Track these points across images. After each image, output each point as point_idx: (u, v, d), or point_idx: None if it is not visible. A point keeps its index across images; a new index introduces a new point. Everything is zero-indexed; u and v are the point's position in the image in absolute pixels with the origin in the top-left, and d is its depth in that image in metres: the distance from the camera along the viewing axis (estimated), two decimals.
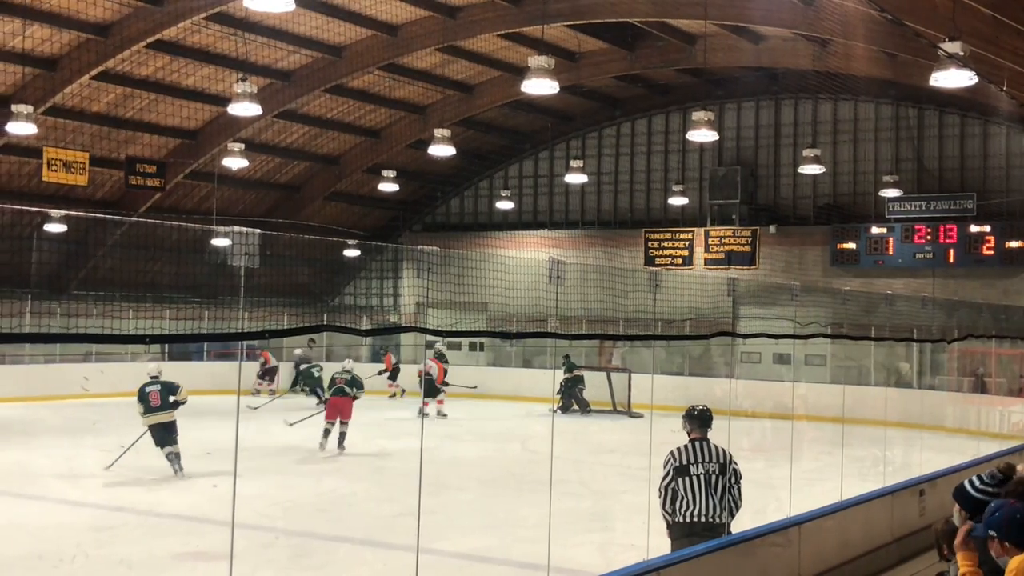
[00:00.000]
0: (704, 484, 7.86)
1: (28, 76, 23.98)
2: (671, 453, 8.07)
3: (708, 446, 8.10)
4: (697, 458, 7.96)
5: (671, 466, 7.98)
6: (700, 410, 8.34)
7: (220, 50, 25.29)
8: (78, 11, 21.90)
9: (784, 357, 26.33)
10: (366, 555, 11.16)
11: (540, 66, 17.29)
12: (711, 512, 7.88)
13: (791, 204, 31.91)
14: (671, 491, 7.95)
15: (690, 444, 8.11)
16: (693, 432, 8.21)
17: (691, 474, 7.90)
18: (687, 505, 7.88)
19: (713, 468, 7.95)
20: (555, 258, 9.58)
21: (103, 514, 12.61)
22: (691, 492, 7.86)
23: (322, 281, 36.61)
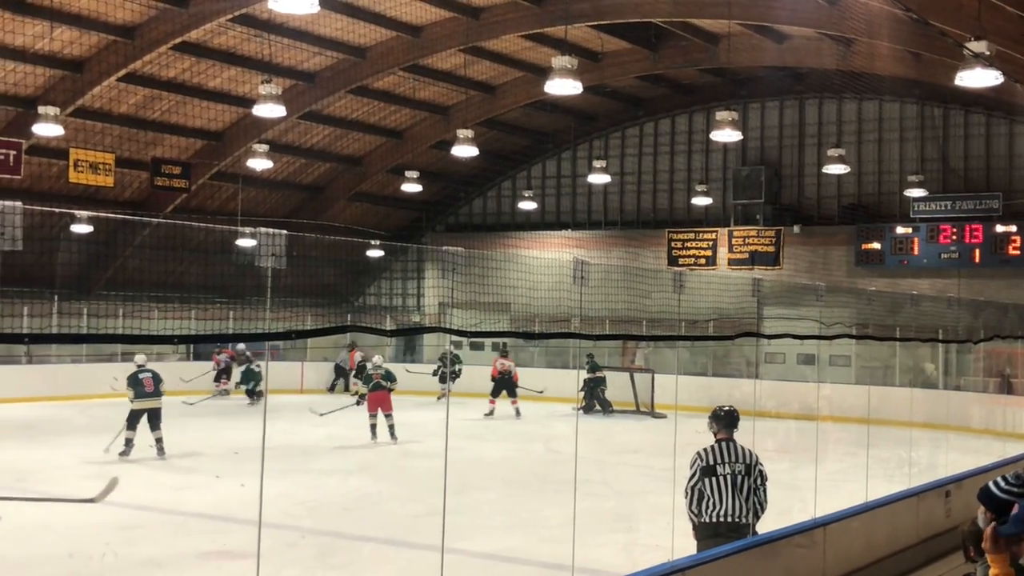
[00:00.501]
0: (730, 485, 7.90)
1: (55, 78, 24.19)
2: (698, 453, 8.11)
3: (735, 447, 8.13)
4: (724, 458, 7.99)
5: (698, 466, 8.02)
6: (727, 411, 8.36)
7: (245, 52, 25.43)
8: (104, 13, 22.07)
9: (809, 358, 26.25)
10: (390, 554, 11.19)
11: (563, 66, 17.30)
12: (737, 513, 7.91)
13: (815, 204, 31.79)
14: (697, 491, 7.98)
15: (716, 445, 8.14)
16: (719, 433, 8.24)
17: (718, 474, 7.93)
18: (713, 505, 7.92)
19: (739, 469, 7.98)
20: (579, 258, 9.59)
21: (130, 513, 12.70)
22: (717, 492, 7.90)
23: (346, 282, 36.73)
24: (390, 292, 38.25)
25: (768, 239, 31.42)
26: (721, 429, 8.23)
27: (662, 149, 34.39)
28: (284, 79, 25.75)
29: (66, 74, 24.06)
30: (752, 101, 32.18)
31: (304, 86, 27.43)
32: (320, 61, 27.00)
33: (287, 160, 31.75)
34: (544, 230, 35.58)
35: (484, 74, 29.25)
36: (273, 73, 23.62)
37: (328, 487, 14.90)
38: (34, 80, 24.05)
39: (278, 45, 25.02)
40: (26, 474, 14.49)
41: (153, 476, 15.36)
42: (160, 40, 23.28)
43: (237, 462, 15.79)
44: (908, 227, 29.41)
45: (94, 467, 16.35)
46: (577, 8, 23.15)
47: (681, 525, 9.26)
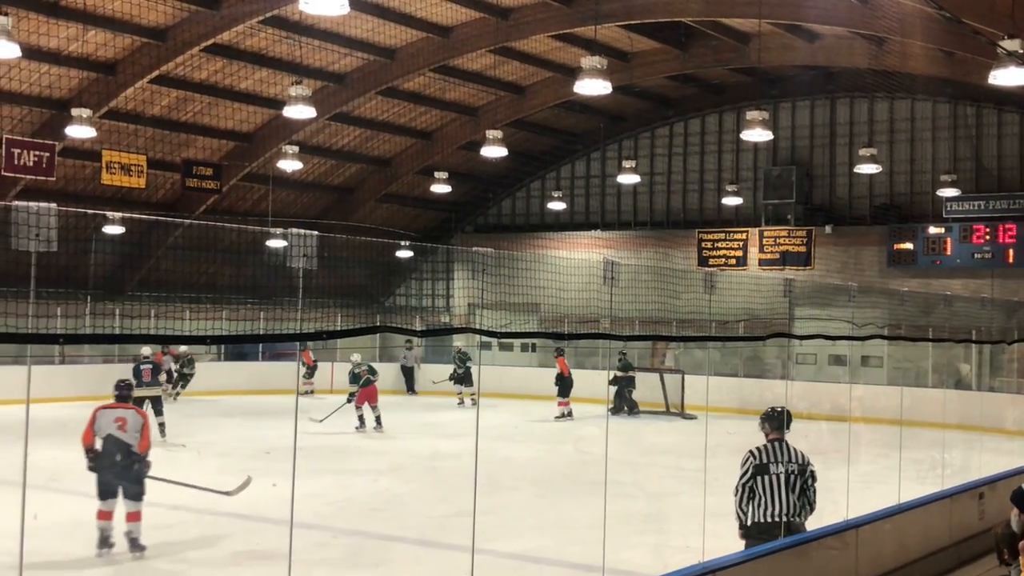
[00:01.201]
0: (783, 484, 8.00)
1: (87, 80, 24.39)
2: (751, 452, 8.21)
3: (787, 447, 8.24)
4: (776, 458, 8.11)
5: (751, 464, 8.12)
6: (778, 412, 8.50)
7: (275, 53, 25.55)
8: (136, 15, 22.24)
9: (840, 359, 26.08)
10: (420, 554, 11.21)
11: (593, 66, 17.28)
12: (789, 511, 8.00)
13: (847, 204, 31.59)
14: (748, 489, 8.08)
15: (769, 444, 8.24)
16: (771, 433, 8.36)
17: (770, 473, 8.04)
18: (765, 505, 8.02)
19: (792, 468, 8.09)
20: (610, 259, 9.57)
21: (162, 512, 12.77)
22: (769, 491, 8.01)
23: (376, 282, 36.83)
24: (419, 293, 38.33)
25: (799, 239, 31.26)
26: (773, 429, 8.37)
27: (692, 149, 34.29)
28: (314, 80, 25.86)
29: (98, 76, 24.25)
30: (783, 100, 32.03)
31: (334, 87, 27.53)
32: (350, 62, 27.08)
33: (317, 161, 31.87)
34: (573, 231, 35.55)
35: (513, 75, 29.25)
36: (303, 74, 23.76)
37: (358, 487, 14.94)
38: (67, 82, 24.26)
39: (308, 47, 25.14)
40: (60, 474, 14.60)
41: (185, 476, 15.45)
42: (191, 42, 23.43)
43: (269, 462, 15.86)
44: (941, 227, 29.18)
45: None
46: (607, 8, 23.12)
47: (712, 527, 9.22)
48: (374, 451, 18.84)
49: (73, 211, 17.87)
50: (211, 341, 6.96)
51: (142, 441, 10.69)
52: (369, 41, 25.82)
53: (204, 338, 6.84)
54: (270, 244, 28.06)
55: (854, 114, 31.56)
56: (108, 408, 10.88)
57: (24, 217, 6.20)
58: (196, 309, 28.02)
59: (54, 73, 23.85)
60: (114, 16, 22.22)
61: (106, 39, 23.39)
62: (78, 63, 23.80)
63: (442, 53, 26.43)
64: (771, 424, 8.41)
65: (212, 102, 27.25)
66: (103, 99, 24.35)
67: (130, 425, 10.65)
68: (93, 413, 10.96)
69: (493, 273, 9.08)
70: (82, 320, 25.88)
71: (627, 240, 34.50)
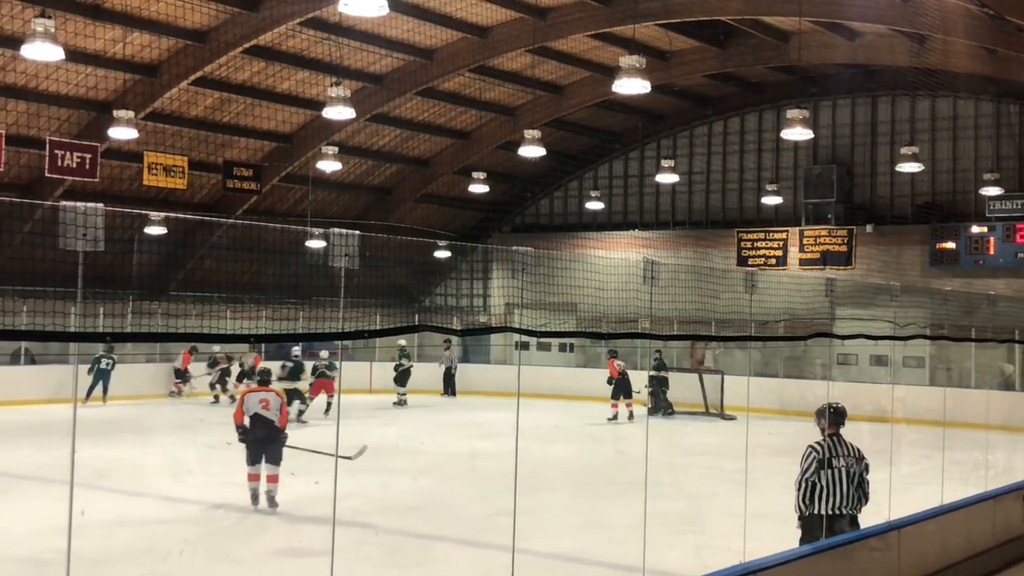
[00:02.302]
0: (845, 477, 8.26)
1: (129, 82, 24.64)
2: (812, 447, 8.42)
3: (844, 441, 8.48)
4: (838, 452, 8.35)
5: (814, 458, 8.34)
6: (835, 408, 8.69)
7: (314, 55, 25.70)
8: (177, 18, 22.45)
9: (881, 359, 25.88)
10: (460, 554, 11.24)
11: (631, 65, 17.26)
12: (850, 504, 8.27)
13: (888, 203, 31.34)
14: (810, 483, 8.30)
15: (829, 439, 8.45)
16: (828, 428, 8.58)
17: (833, 467, 8.28)
18: (828, 496, 8.25)
19: (851, 462, 8.36)
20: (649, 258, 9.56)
21: (205, 510, 12.91)
22: (834, 484, 8.26)
23: (414, 282, 36.95)
24: (457, 292, 38.40)
25: (840, 239, 31.05)
26: (830, 424, 8.59)
27: (731, 148, 34.15)
28: (353, 81, 25.97)
29: (140, 78, 24.50)
30: (823, 99, 31.83)
31: (373, 88, 27.64)
32: (388, 63, 27.19)
33: (356, 162, 32.02)
34: (611, 230, 35.50)
35: (551, 74, 29.27)
36: (342, 76, 23.87)
37: (398, 486, 15.00)
38: (109, 84, 24.53)
39: (347, 48, 25.27)
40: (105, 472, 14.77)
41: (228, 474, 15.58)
42: (232, 44, 23.61)
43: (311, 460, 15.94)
44: (983, 226, 28.89)
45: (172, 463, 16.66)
46: (645, 7, 23.08)
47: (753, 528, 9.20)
48: (414, 451, 18.90)
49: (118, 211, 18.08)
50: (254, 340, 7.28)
51: (281, 417, 12.97)
52: (408, 42, 25.91)
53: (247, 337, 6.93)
54: (310, 244, 28.22)
55: (896, 112, 31.30)
56: (253, 392, 13.23)
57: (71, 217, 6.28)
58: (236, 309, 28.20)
59: (97, 75, 24.11)
60: (156, 18, 22.44)
61: (148, 41, 23.62)
62: (120, 65, 24.06)
63: (480, 53, 26.48)
64: (828, 419, 8.62)
65: (252, 103, 27.45)
66: (145, 101, 24.59)
67: (272, 405, 12.91)
68: (241, 396, 13.46)
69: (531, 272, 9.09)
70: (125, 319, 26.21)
71: (666, 240, 34.40)
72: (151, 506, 13.18)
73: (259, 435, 12.77)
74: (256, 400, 12.89)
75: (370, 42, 25.46)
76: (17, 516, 12.26)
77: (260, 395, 13.02)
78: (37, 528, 11.10)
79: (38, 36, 16.83)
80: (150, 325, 27.25)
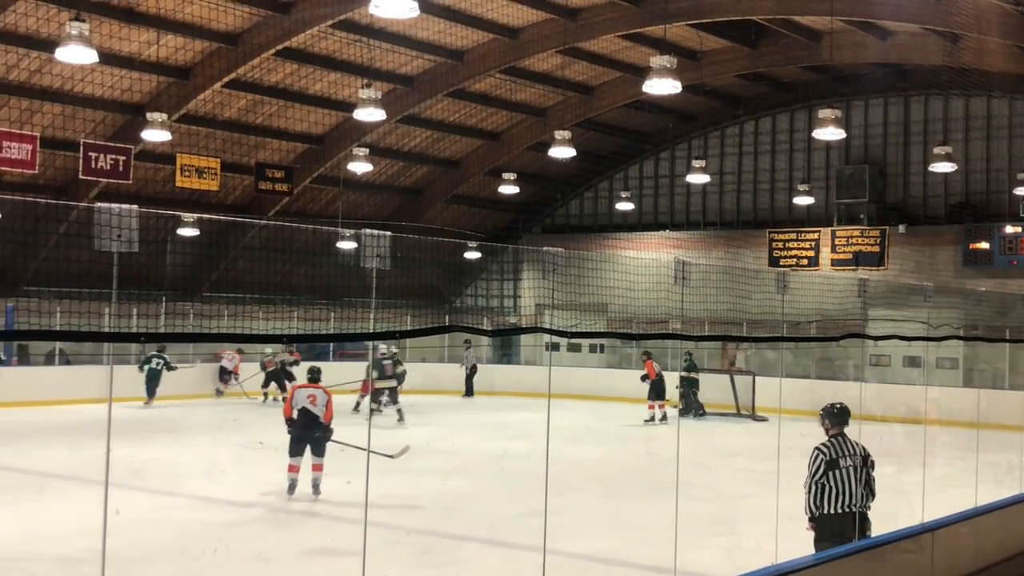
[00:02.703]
0: (852, 476, 8.34)
1: (162, 84, 24.83)
2: (818, 449, 8.48)
3: (849, 440, 8.54)
4: (844, 452, 8.42)
5: (822, 460, 8.42)
6: (839, 408, 8.75)
7: (345, 56, 25.80)
8: (209, 20, 22.59)
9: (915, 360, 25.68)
10: (491, 554, 11.25)
11: (662, 66, 17.24)
12: (859, 502, 8.35)
13: (921, 203, 31.12)
14: (819, 485, 8.38)
15: (834, 439, 8.52)
16: (833, 428, 8.64)
17: (841, 467, 8.36)
18: (838, 496, 8.33)
19: (858, 461, 8.43)
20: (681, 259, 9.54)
21: (238, 510, 12.99)
22: (842, 484, 8.34)
23: (445, 283, 37.02)
24: (487, 293, 38.44)
25: (873, 239, 30.84)
26: (834, 424, 8.65)
27: (763, 148, 34.00)
28: (383, 83, 26.06)
29: (173, 81, 24.68)
30: (855, 98, 31.63)
31: (403, 90, 27.72)
32: (419, 65, 27.26)
33: (386, 163, 32.12)
34: (642, 231, 35.42)
35: (581, 75, 29.24)
36: (373, 77, 23.97)
37: (429, 486, 15.03)
38: (143, 87, 24.72)
39: (378, 49, 25.35)
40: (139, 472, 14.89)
41: (260, 474, 15.68)
42: (264, 46, 23.75)
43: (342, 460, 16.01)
44: (1018, 226, 28.63)
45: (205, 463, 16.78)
46: (676, 7, 23.03)
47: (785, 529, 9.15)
48: (444, 451, 18.93)
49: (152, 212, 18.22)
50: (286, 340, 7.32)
51: (326, 413, 13.66)
52: (438, 43, 25.97)
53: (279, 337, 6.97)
54: (341, 245, 28.33)
55: (929, 112, 31.07)
56: (303, 387, 14.06)
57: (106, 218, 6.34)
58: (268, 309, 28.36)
59: (130, 78, 24.30)
60: (189, 21, 22.61)
61: (181, 44, 23.80)
62: (153, 68, 24.24)
63: (510, 54, 26.50)
64: (833, 419, 8.70)
65: (284, 105, 27.60)
66: (178, 103, 24.77)
67: (319, 401, 13.60)
68: (291, 391, 14.40)
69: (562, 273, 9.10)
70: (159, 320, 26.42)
71: (696, 240, 34.30)
72: (184, 505, 13.29)
73: (304, 428, 13.51)
74: (304, 395, 13.67)
75: (401, 44, 25.54)
76: (53, 516, 12.38)
77: (308, 391, 13.75)
78: (72, 527, 11.22)
79: (72, 39, 17.01)
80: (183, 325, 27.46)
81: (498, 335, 24.81)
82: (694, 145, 34.93)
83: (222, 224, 29.09)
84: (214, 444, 19.02)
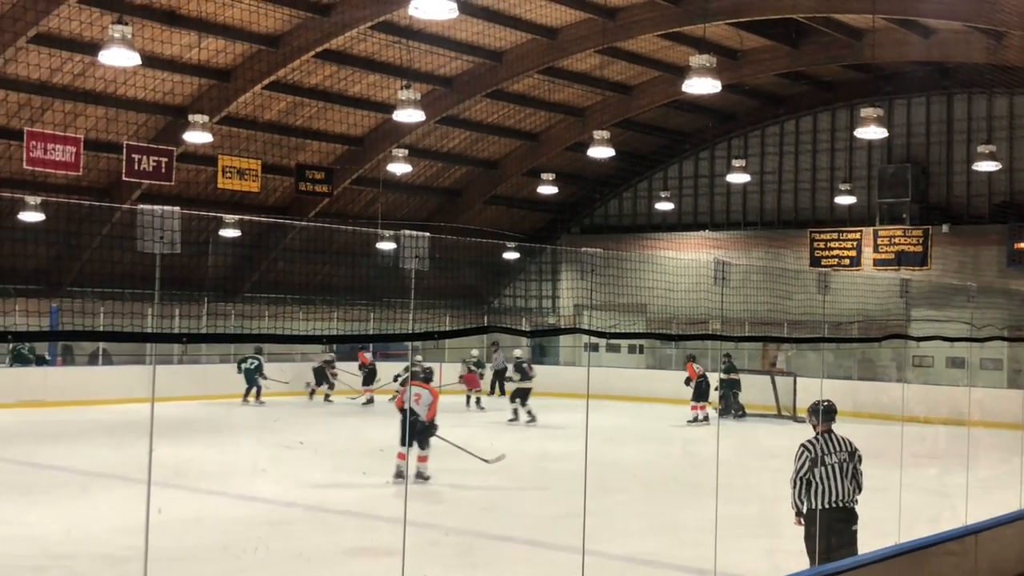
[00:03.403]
0: (838, 471, 8.50)
1: (204, 87, 25.03)
2: (804, 447, 8.69)
3: (836, 437, 8.71)
4: (830, 448, 8.61)
5: (807, 457, 8.63)
6: (826, 405, 8.91)
7: (384, 58, 25.89)
8: (250, 23, 22.75)
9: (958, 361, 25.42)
10: (530, 555, 11.25)
11: (701, 65, 17.15)
12: (846, 496, 8.48)
13: (965, 202, 30.78)
14: (805, 481, 8.58)
15: (821, 436, 8.70)
16: (820, 425, 8.83)
17: (827, 464, 8.53)
18: (824, 492, 8.49)
19: (844, 456, 8.58)
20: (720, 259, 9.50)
21: (279, 509, 13.07)
22: (827, 480, 8.50)
23: (483, 283, 37.06)
24: (526, 294, 38.44)
25: (915, 239, 30.55)
26: (822, 421, 8.83)
27: (804, 147, 33.77)
28: (422, 84, 26.13)
29: (214, 83, 24.88)
30: (898, 97, 31.34)
31: (442, 91, 27.79)
32: (458, 66, 27.31)
33: (425, 164, 32.20)
34: (681, 231, 35.29)
35: (620, 75, 29.17)
36: (412, 78, 24.03)
37: (468, 486, 15.06)
38: (184, 89, 24.94)
39: (417, 51, 25.42)
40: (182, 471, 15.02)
41: (301, 473, 15.78)
42: (304, 48, 23.89)
43: (382, 460, 16.08)
44: None
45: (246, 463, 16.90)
46: (716, 6, 22.91)
47: None
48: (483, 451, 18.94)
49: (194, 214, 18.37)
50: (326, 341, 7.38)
51: (428, 412, 14.74)
52: (477, 44, 26.00)
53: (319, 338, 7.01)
54: (380, 246, 28.43)
55: (972, 110, 30.73)
56: (413, 385, 15.07)
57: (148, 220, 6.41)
58: (308, 310, 28.51)
59: (172, 80, 24.53)
60: (229, 24, 22.76)
61: (222, 46, 24.00)
62: (195, 70, 24.44)
63: (549, 55, 26.48)
64: (819, 417, 8.89)
65: (324, 107, 27.75)
66: (219, 105, 24.96)
67: (423, 400, 14.71)
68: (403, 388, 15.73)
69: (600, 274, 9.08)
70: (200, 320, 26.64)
71: (737, 240, 34.13)
72: (226, 504, 13.39)
73: (411, 422, 14.43)
74: (412, 394, 14.66)
75: (440, 45, 25.59)
76: (96, 514, 12.52)
77: (416, 390, 14.84)
78: (115, 526, 11.32)
79: (115, 42, 17.19)
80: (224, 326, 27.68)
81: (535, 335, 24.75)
82: (734, 144, 34.75)
83: (262, 225, 29.29)
84: (256, 444, 19.14)
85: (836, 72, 30.06)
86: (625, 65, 28.39)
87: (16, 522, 11.90)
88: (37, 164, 21.52)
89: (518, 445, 19.95)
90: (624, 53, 27.34)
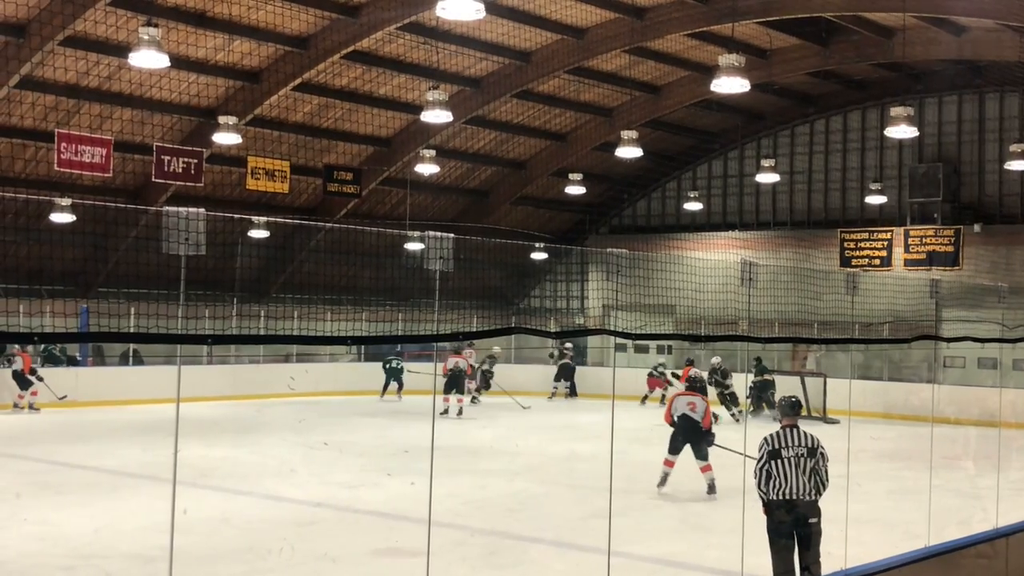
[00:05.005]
0: (794, 466, 8.61)
1: (233, 88, 25.15)
2: (765, 439, 8.79)
3: (798, 432, 8.81)
4: (788, 443, 8.71)
5: (765, 450, 8.73)
6: (791, 401, 9.23)
7: (412, 59, 25.93)
8: (279, 25, 22.85)
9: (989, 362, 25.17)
10: (557, 555, 11.21)
11: (730, 64, 17.07)
12: (800, 491, 8.56)
13: (997, 202, 30.49)
14: (765, 472, 8.69)
15: (782, 430, 8.84)
16: (784, 420, 9.00)
17: (783, 457, 8.66)
18: (779, 484, 8.59)
19: (802, 452, 8.68)
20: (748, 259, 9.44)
21: (306, 510, 13.10)
22: (782, 473, 8.61)
23: (510, 284, 37.05)
24: (553, 294, 38.40)
25: (947, 238, 30.29)
26: (786, 416, 9.04)
27: (834, 147, 33.56)
28: (450, 85, 26.14)
29: (243, 84, 24.99)
30: (928, 96, 31.10)
31: (470, 91, 27.80)
32: (485, 66, 27.31)
33: (453, 165, 32.22)
34: (710, 231, 35.15)
35: (648, 74, 29.08)
36: (440, 79, 24.04)
37: (495, 487, 15.04)
38: (214, 91, 25.06)
39: (445, 52, 25.43)
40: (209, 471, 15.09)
41: (327, 474, 15.81)
42: (332, 50, 23.96)
43: (407, 461, 16.09)
44: None
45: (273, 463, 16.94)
46: (744, 5, 22.80)
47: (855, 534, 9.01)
48: (510, 452, 18.94)
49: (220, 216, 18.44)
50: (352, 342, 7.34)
51: (704, 419, 14.57)
52: (504, 44, 25.99)
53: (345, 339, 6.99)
54: (408, 247, 28.48)
55: (1004, 109, 30.44)
56: (681, 395, 15.05)
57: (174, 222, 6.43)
58: (336, 311, 28.59)
59: (201, 82, 24.66)
60: (258, 26, 22.87)
61: (250, 48, 24.10)
62: (224, 72, 24.57)
63: (577, 54, 26.43)
64: (784, 411, 9.14)
65: (352, 108, 27.83)
66: (248, 107, 25.08)
67: (698, 408, 14.58)
68: (671, 399, 15.16)
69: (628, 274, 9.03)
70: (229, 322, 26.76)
71: (766, 240, 33.95)
72: (252, 505, 13.43)
73: (685, 432, 14.53)
74: (684, 403, 14.64)
75: (467, 46, 25.60)
76: (126, 513, 12.58)
77: (688, 398, 14.79)
78: (144, 525, 11.38)
79: (144, 45, 17.30)
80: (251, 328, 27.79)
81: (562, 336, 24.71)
82: (763, 144, 34.57)
83: (290, 226, 29.39)
84: (282, 444, 19.19)
85: (866, 71, 29.85)
86: (653, 65, 28.30)
87: (46, 521, 11.98)
88: (68, 166, 21.65)
89: (545, 446, 19.93)
90: (652, 53, 27.26)
